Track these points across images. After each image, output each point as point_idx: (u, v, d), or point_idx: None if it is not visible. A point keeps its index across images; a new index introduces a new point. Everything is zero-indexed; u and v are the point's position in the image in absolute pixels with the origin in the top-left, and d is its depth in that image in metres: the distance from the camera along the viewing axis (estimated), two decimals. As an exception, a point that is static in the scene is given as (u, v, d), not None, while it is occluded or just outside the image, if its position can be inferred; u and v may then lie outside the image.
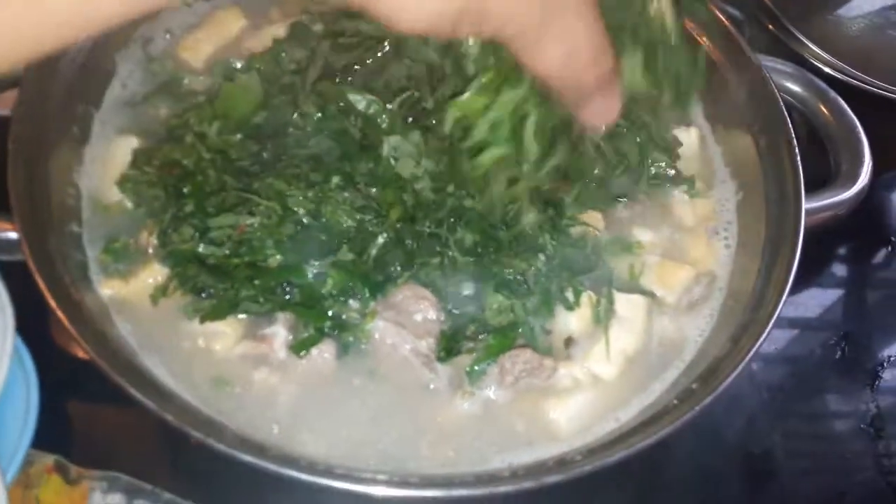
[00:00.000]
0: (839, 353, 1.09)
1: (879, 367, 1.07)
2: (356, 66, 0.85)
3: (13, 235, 0.66)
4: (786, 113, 0.90)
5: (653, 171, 0.89)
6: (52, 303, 0.63)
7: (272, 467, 0.58)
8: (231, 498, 0.78)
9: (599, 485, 0.88)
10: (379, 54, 0.86)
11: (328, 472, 0.61)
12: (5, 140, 0.72)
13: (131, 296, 0.73)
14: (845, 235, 1.20)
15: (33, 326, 0.76)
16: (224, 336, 0.72)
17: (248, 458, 0.58)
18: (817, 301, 1.14)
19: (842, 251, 1.20)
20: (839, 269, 1.19)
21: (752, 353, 0.70)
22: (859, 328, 1.11)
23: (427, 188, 0.76)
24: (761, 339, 0.71)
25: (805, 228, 0.81)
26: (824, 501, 0.96)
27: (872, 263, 1.20)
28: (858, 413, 1.03)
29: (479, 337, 0.75)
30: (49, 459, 0.77)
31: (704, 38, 0.99)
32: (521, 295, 0.76)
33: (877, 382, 1.06)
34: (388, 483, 0.61)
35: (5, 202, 0.68)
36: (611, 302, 0.78)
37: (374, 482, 0.61)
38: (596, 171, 0.81)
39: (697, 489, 0.92)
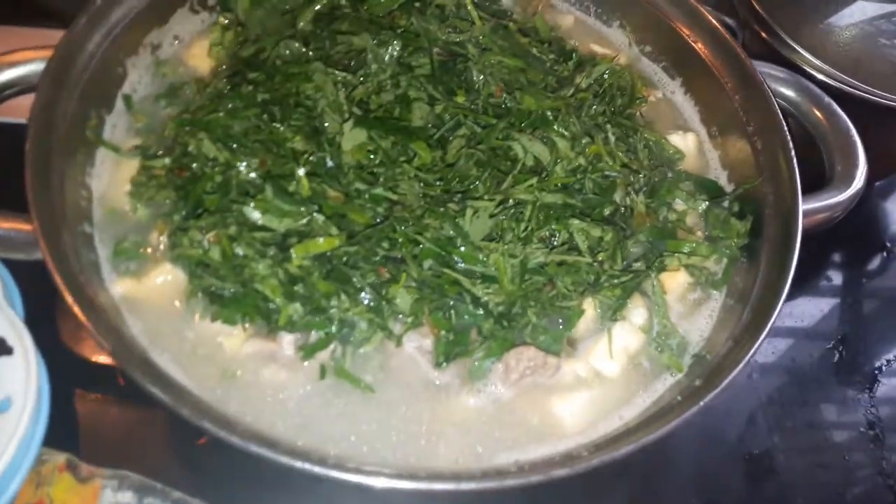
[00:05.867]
0: (837, 356, 1.10)
1: (877, 371, 1.09)
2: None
3: (30, 234, 0.67)
4: (781, 115, 0.92)
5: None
6: (69, 299, 0.64)
7: (284, 460, 0.60)
8: (237, 495, 0.80)
9: (602, 485, 0.90)
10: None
11: (338, 466, 0.62)
12: (22, 145, 0.73)
13: (143, 294, 0.75)
14: (840, 243, 1.22)
15: (42, 327, 0.77)
16: (233, 335, 0.74)
17: (261, 451, 0.60)
18: (814, 307, 1.16)
19: (837, 258, 1.22)
20: (835, 277, 1.21)
21: (754, 349, 0.72)
22: (856, 333, 1.13)
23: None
24: (762, 335, 0.72)
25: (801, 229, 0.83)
26: (823, 500, 0.97)
27: (868, 270, 1.22)
28: (857, 416, 1.05)
29: (483, 341, 0.77)
30: (61, 458, 0.78)
31: (700, 44, 1.02)
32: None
33: (875, 386, 1.08)
34: (398, 476, 0.62)
35: (22, 202, 0.70)
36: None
37: (384, 475, 0.62)
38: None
39: (699, 489, 0.93)
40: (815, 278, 1.19)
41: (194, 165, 0.79)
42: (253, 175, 0.77)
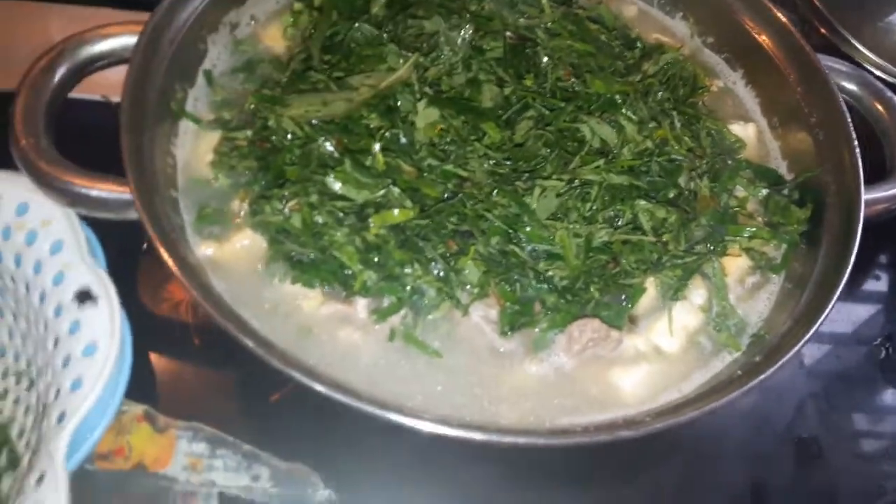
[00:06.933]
0: (884, 353, 1.11)
1: (925, 370, 1.09)
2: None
3: (128, 196, 0.71)
4: (845, 108, 0.93)
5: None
6: (165, 256, 0.68)
7: (366, 408, 0.63)
8: (305, 449, 0.83)
9: (651, 463, 0.92)
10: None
11: (415, 415, 0.66)
12: (117, 119, 0.77)
13: (225, 256, 0.79)
14: (888, 240, 1.22)
15: (122, 285, 0.81)
16: (310, 297, 0.77)
17: (344, 399, 0.63)
18: (861, 304, 1.16)
19: (884, 258, 1.22)
20: (882, 274, 1.21)
21: (816, 325, 0.73)
22: (902, 332, 1.13)
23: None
24: (825, 312, 0.74)
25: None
26: (865, 490, 0.98)
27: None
28: (902, 411, 1.05)
29: (547, 312, 0.79)
30: (139, 409, 0.82)
31: (763, 37, 1.03)
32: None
33: (922, 384, 1.08)
34: (470, 428, 0.66)
35: (118, 169, 0.74)
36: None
37: (459, 427, 0.65)
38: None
39: (748, 469, 0.94)
40: (862, 275, 1.19)
41: (274, 138, 0.83)
42: (331, 148, 0.80)
